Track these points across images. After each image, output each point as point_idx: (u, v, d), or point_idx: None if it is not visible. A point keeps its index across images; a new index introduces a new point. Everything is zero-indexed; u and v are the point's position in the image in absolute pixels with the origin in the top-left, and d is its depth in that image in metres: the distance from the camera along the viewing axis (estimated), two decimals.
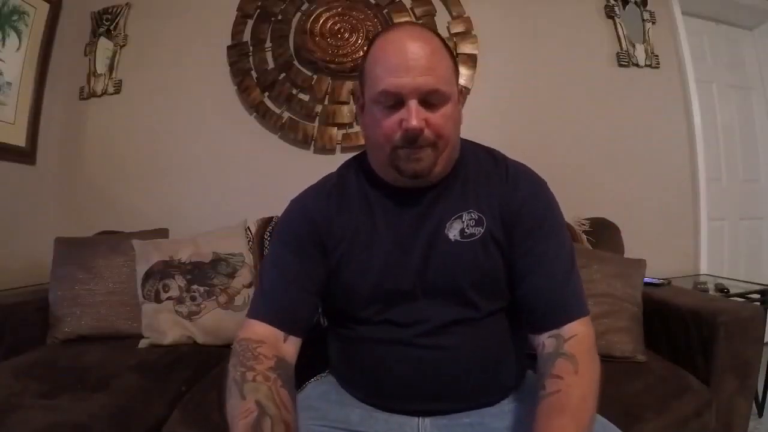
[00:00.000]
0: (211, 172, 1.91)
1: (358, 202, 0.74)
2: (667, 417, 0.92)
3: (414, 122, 0.62)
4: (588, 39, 1.93)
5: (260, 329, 0.67)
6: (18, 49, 1.76)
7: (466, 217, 0.70)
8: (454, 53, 1.83)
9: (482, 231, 0.69)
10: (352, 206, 0.74)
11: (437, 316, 0.68)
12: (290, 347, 0.68)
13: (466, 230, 0.69)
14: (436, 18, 1.87)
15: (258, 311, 0.69)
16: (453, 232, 0.69)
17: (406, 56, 0.63)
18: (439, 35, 0.70)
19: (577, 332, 0.64)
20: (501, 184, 0.72)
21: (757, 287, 1.62)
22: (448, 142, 0.67)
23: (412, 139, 0.63)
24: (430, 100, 0.64)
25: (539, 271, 0.68)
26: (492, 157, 0.76)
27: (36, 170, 1.87)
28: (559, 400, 0.57)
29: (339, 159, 0.85)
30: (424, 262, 0.69)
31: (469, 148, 0.77)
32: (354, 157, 0.80)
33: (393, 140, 0.65)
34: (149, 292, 1.37)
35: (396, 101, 0.64)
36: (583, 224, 1.55)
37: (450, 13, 1.89)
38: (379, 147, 0.68)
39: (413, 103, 0.62)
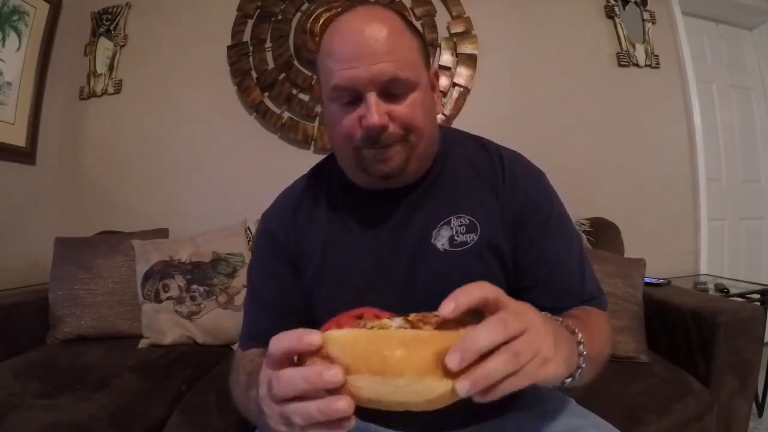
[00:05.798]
0: (211, 172, 1.91)
1: (329, 212, 0.66)
2: (668, 419, 0.93)
3: (375, 118, 0.52)
4: (588, 39, 1.92)
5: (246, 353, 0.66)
6: (18, 49, 1.75)
7: (455, 222, 0.61)
8: (424, 34, 1.84)
9: (476, 238, 0.60)
10: (322, 218, 0.66)
11: None
12: None
13: (456, 238, 0.60)
14: (436, 18, 1.87)
15: (243, 342, 0.67)
16: (441, 241, 0.60)
17: (357, 42, 0.53)
18: (402, 15, 0.59)
19: None
20: (498, 182, 0.63)
21: (757, 287, 1.62)
22: (421, 135, 0.57)
23: (375, 138, 0.55)
24: (391, 90, 0.54)
25: (554, 279, 0.61)
26: (482, 147, 0.67)
27: (36, 170, 1.87)
28: (581, 314, 0.57)
29: None
30: (410, 277, 0.61)
31: (455, 138, 0.68)
32: (327, 158, 0.72)
33: (354, 140, 0.56)
34: (149, 292, 1.37)
35: (353, 96, 0.54)
36: (583, 224, 1.56)
37: (450, 13, 1.89)
38: (341, 148, 0.59)
39: (371, 97, 0.53)
